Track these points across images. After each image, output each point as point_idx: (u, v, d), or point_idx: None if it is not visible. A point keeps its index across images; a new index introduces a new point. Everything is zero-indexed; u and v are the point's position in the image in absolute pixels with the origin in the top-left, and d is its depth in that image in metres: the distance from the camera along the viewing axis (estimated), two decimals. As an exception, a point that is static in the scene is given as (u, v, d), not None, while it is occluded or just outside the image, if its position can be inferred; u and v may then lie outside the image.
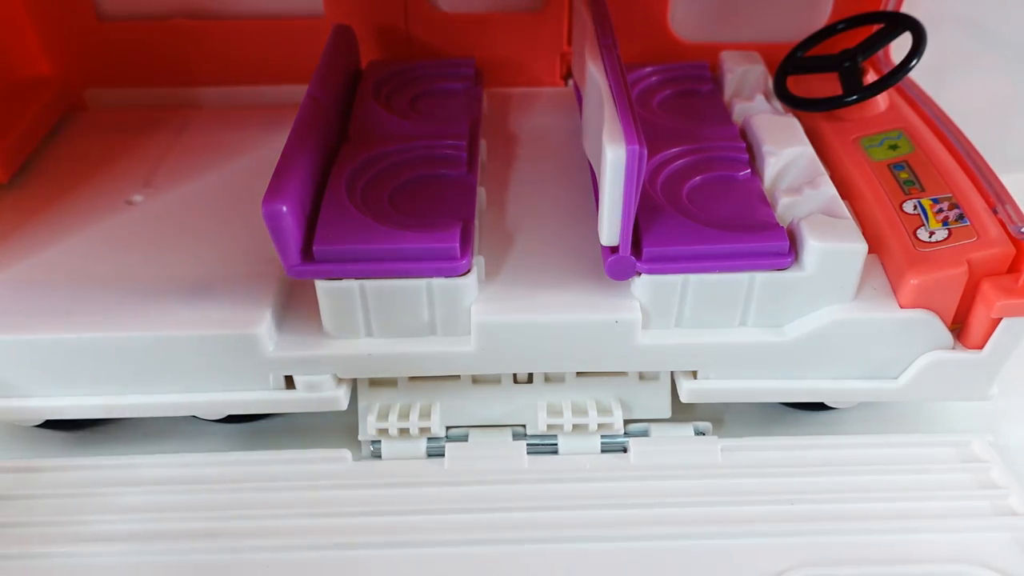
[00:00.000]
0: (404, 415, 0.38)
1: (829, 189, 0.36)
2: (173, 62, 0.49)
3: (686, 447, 0.38)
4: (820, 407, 0.41)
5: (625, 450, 0.38)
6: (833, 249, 0.33)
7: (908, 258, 0.34)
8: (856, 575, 0.33)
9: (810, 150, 0.39)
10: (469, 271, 0.34)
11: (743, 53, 0.47)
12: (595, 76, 0.35)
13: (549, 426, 0.38)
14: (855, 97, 0.41)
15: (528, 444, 0.38)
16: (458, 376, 0.39)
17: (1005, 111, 0.56)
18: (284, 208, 0.31)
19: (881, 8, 0.46)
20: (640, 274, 0.34)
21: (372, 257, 0.33)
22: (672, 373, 0.38)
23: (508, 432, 0.39)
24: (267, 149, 0.43)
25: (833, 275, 0.34)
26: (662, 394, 0.39)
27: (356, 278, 0.33)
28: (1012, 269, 0.34)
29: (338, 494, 0.36)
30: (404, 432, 0.38)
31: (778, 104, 0.44)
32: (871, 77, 0.42)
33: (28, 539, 0.35)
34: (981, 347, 0.35)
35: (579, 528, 0.35)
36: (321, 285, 0.33)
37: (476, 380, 0.39)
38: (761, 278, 0.34)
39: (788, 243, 0.33)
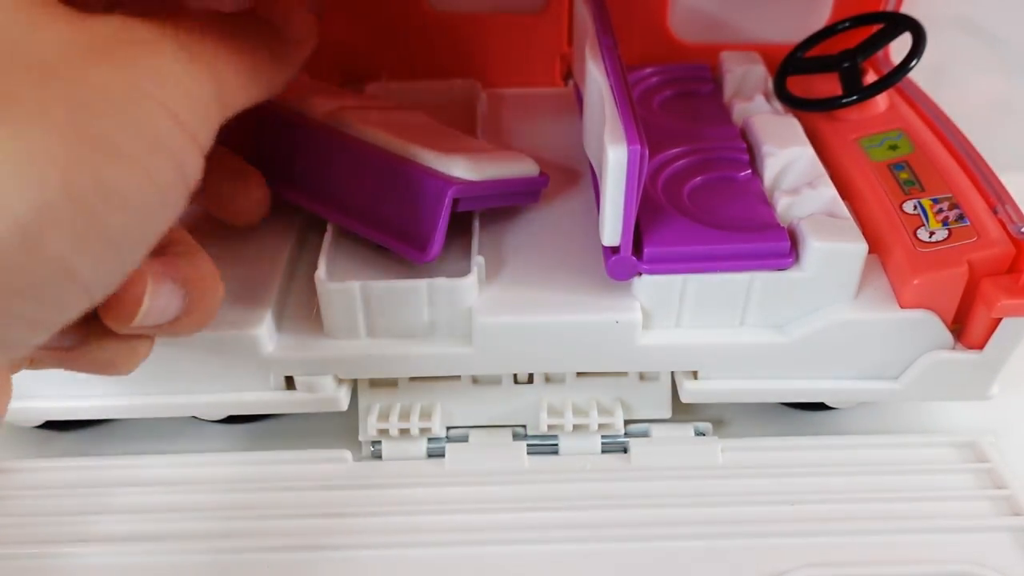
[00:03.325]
0: (405, 415, 0.38)
1: (829, 189, 0.36)
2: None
3: (686, 447, 0.38)
4: (821, 407, 0.41)
5: (626, 450, 0.38)
6: (834, 249, 0.33)
7: (908, 258, 0.34)
8: None
9: (810, 150, 0.39)
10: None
11: (743, 54, 0.47)
12: (596, 76, 0.35)
13: (550, 426, 0.38)
14: (855, 97, 0.41)
15: (528, 444, 0.38)
16: (459, 376, 0.38)
17: (1005, 111, 0.56)
18: None
19: (881, 8, 0.46)
20: (641, 274, 0.34)
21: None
22: (673, 373, 0.38)
23: (508, 432, 0.39)
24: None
25: (833, 275, 0.34)
26: (663, 394, 0.39)
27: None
28: (1012, 269, 0.34)
29: (339, 494, 0.36)
30: (405, 432, 0.38)
31: (778, 104, 0.44)
32: (871, 77, 0.42)
33: (28, 539, 0.35)
34: (981, 347, 0.35)
35: (579, 528, 0.35)
36: (322, 286, 0.33)
37: (476, 380, 0.39)
38: (762, 278, 0.34)
39: (789, 243, 0.33)
